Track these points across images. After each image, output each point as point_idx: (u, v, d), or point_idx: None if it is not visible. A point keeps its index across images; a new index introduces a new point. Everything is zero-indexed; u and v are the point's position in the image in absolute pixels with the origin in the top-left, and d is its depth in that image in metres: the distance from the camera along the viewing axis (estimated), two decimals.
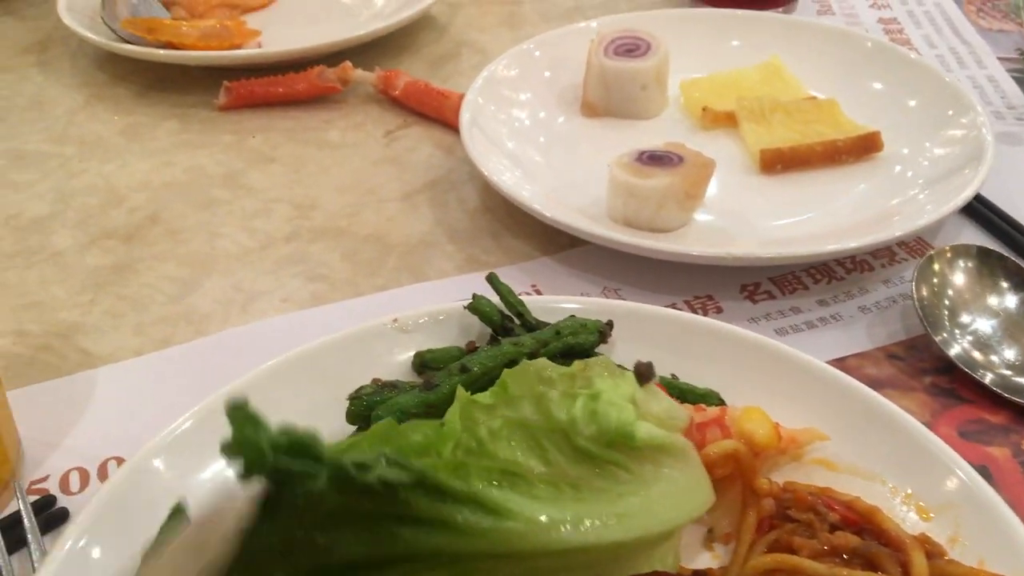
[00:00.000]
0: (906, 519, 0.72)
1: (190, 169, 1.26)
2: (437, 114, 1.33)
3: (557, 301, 0.89)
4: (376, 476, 0.52)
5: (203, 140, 1.32)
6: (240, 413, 0.47)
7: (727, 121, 1.25)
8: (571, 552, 0.59)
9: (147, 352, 0.96)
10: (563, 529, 0.59)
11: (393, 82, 1.36)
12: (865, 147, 1.17)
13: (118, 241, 1.13)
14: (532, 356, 0.81)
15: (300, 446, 0.50)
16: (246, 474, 0.48)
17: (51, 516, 0.79)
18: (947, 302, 0.91)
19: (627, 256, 1.03)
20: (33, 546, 0.73)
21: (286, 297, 1.04)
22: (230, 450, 0.48)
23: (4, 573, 0.72)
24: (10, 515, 0.78)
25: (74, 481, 0.84)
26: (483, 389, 0.78)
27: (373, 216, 1.16)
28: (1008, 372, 0.87)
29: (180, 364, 0.96)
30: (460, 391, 0.68)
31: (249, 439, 0.47)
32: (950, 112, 1.17)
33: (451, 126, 1.31)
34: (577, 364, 0.71)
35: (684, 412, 0.73)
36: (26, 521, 0.74)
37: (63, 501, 0.81)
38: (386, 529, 0.54)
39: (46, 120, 1.37)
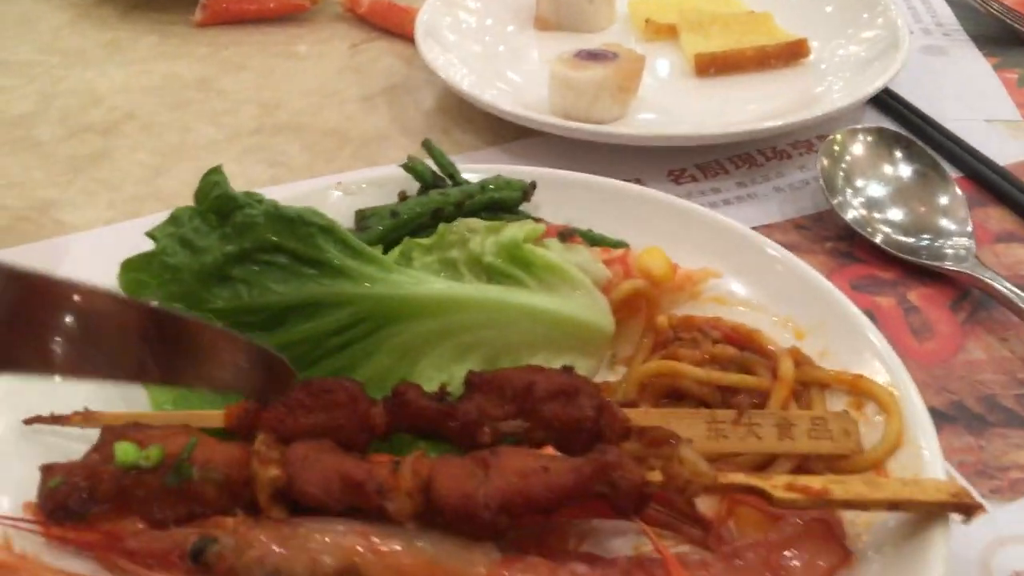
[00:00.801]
0: (783, 339, 0.80)
1: (166, 76, 1.34)
2: (400, 29, 1.41)
3: (487, 168, 0.97)
4: (296, 212, 0.70)
5: (180, 52, 1.40)
6: (212, 171, 0.74)
7: (669, 33, 1.33)
8: (455, 305, 0.72)
9: (116, 223, 1.05)
10: (446, 285, 0.73)
11: (359, 0, 1.45)
12: (793, 53, 1.25)
13: (96, 134, 1.21)
14: (458, 206, 0.89)
15: (245, 193, 0.73)
16: (201, 203, 0.72)
17: None
18: (845, 168, 0.99)
19: (564, 145, 1.12)
20: None
21: (248, 180, 1.12)
22: (196, 192, 0.72)
23: None
24: None
25: None
26: (415, 235, 0.88)
27: (333, 114, 1.25)
28: (893, 231, 0.95)
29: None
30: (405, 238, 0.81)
31: (211, 179, 0.74)
32: (865, 15, 1.26)
33: (412, 40, 1.39)
34: (501, 223, 0.82)
35: (603, 267, 0.83)
36: None
37: None
38: (302, 272, 0.70)
39: (33, 34, 1.45)
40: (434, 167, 0.96)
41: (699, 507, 0.67)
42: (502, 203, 0.91)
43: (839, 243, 0.99)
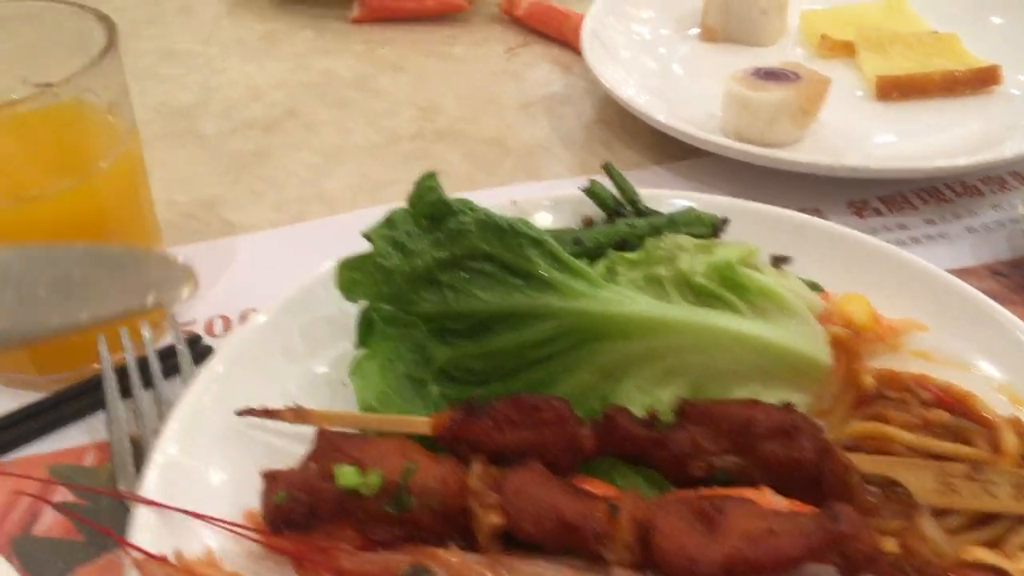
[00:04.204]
0: (999, 406, 0.74)
1: (324, 72, 1.34)
2: (558, 34, 1.38)
3: (671, 195, 0.93)
4: (508, 222, 0.69)
5: (336, 48, 1.40)
6: (427, 176, 0.74)
7: (844, 50, 1.27)
8: (662, 326, 0.69)
9: (283, 225, 1.05)
10: (653, 304, 0.70)
11: (517, 2, 1.41)
12: (983, 79, 1.18)
13: (258, 130, 1.21)
14: (643, 239, 0.85)
15: (459, 200, 0.72)
16: (415, 207, 0.72)
17: (198, 352, 0.87)
18: None
19: (735, 169, 1.07)
20: (184, 368, 0.82)
21: (410, 187, 1.10)
22: (411, 196, 0.72)
23: (159, 391, 0.81)
24: (165, 347, 0.86)
25: (218, 326, 0.92)
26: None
27: (492, 121, 1.22)
28: None
29: (312, 237, 1.03)
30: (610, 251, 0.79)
31: (426, 184, 0.73)
32: None
33: (570, 46, 1.36)
34: (713, 241, 0.79)
35: (816, 296, 0.78)
36: (178, 345, 0.83)
37: (207, 342, 0.89)
38: (509, 282, 0.69)
39: (193, 24, 1.47)
40: (614, 191, 0.92)
41: None
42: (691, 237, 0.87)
43: None
